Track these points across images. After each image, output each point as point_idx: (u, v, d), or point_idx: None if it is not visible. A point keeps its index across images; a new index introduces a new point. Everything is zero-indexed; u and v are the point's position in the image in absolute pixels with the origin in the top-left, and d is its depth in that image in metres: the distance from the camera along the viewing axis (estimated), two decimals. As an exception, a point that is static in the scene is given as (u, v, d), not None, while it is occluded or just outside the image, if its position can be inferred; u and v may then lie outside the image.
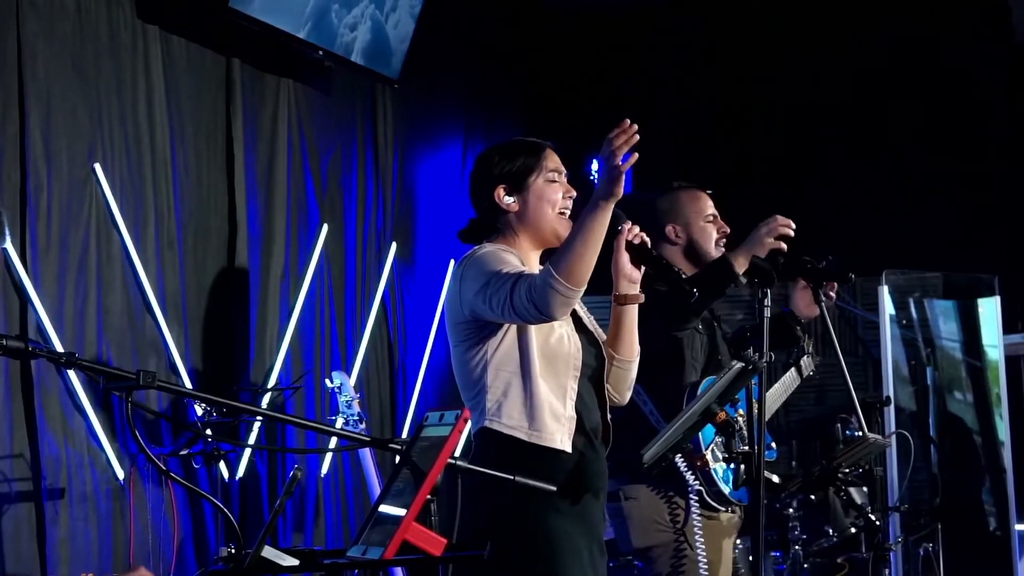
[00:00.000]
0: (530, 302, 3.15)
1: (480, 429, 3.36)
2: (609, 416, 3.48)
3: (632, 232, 3.43)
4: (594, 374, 3.45)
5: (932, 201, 7.77)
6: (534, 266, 3.46)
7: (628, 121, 3.12)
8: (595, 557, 3.38)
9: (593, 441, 3.40)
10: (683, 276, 3.48)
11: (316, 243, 5.95)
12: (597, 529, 3.42)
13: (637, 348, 3.53)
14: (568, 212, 3.45)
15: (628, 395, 3.57)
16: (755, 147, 8.09)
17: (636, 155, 3.11)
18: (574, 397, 3.36)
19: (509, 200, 3.46)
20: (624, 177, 3.13)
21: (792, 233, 4.09)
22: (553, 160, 3.48)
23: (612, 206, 3.15)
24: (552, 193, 3.44)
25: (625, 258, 3.44)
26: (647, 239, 3.47)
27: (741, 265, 4.06)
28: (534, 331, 3.33)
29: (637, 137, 3.11)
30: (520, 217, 3.46)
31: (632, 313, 3.49)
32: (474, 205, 3.57)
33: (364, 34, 6.01)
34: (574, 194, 3.47)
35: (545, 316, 3.17)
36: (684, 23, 8.12)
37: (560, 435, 3.31)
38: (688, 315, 4.08)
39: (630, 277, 3.45)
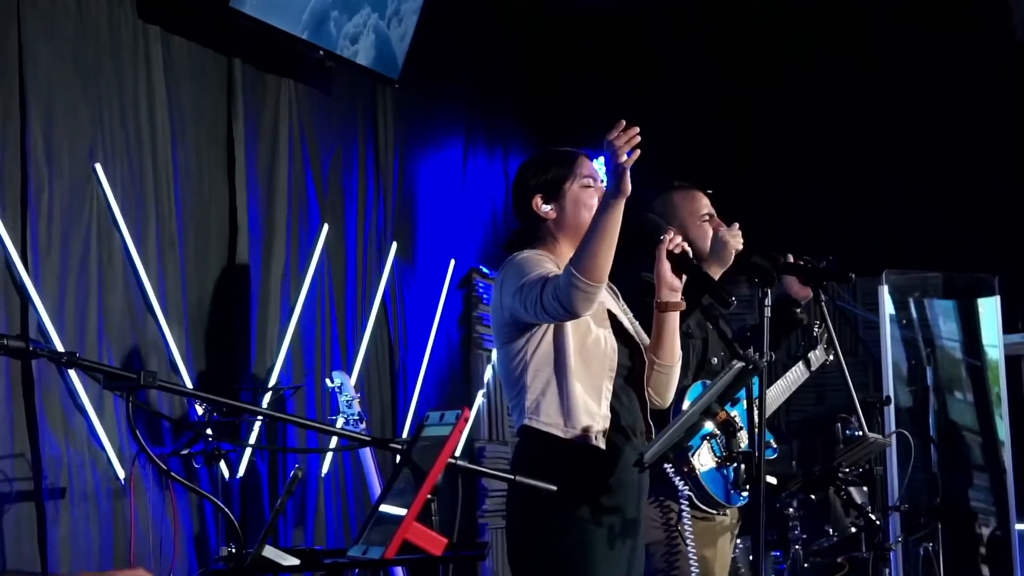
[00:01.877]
0: (556, 301, 3.30)
1: (521, 427, 3.51)
2: (650, 416, 3.62)
3: (673, 242, 3.58)
4: (631, 375, 3.59)
5: (932, 201, 7.77)
6: None
7: (624, 122, 3.26)
8: (629, 551, 3.49)
9: (632, 439, 3.53)
10: (722, 286, 3.57)
11: (317, 243, 5.96)
12: (634, 524, 3.52)
13: (679, 353, 3.66)
14: None
15: (670, 398, 3.71)
16: (755, 147, 8.09)
17: (638, 152, 3.25)
18: (609, 396, 3.50)
19: (547, 208, 3.60)
20: (627, 175, 3.26)
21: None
22: (587, 167, 3.63)
23: (622, 203, 3.29)
24: (588, 198, 3.59)
25: (666, 267, 3.58)
26: (688, 248, 3.61)
27: (715, 272, 4.16)
28: (571, 332, 3.47)
29: (638, 138, 3.25)
30: (558, 223, 3.60)
31: (673, 320, 3.62)
32: (516, 216, 3.70)
33: (367, 49, 6.03)
34: None
35: (571, 313, 3.32)
36: (684, 23, 8.13)
37: (595, 433, 3.44)
38: None
39: (671, 285, 3.59)
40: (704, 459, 4.10)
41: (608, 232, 3.27)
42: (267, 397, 5.45)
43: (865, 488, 4.99)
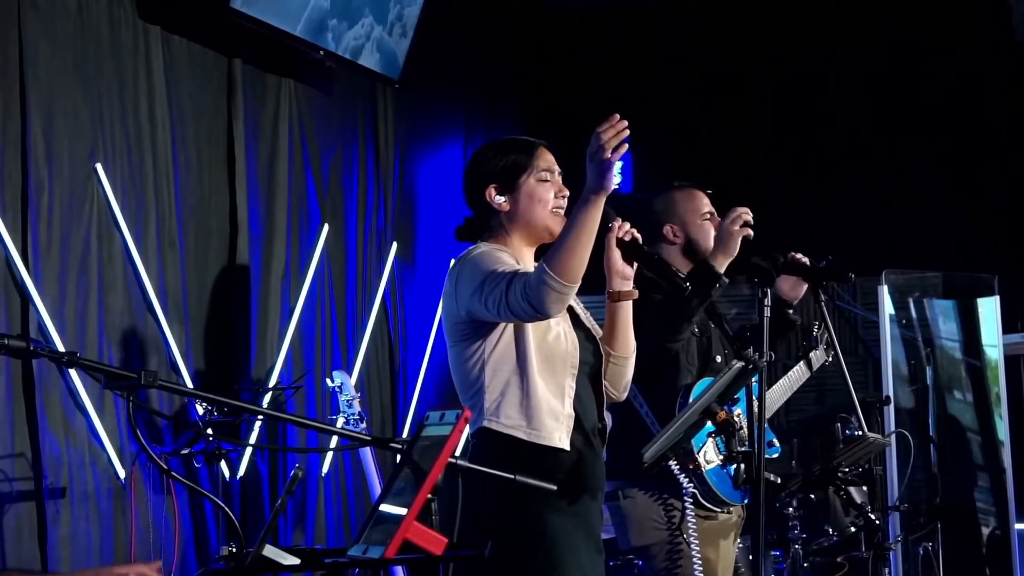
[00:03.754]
0: (525, 300, 3.15)
1: (479, 429, 3.35)
2: (606, 414, 3.49)
3: (622, 229, 3.45)
4: (592, 371, 3.46)
5: (932, 201, 7.78)
6: (528, 264, 3.46)
7: (617, 116, 3.12)
8: (592, 556, 3.39)
9: (591, 440, 3.40)
10: (676, 270, 3.49)
11: (317, 243, 5.96)
12: (595, 528, 3.42)
13: (633, 344, 3.53)
14: (563, 210, 3.45)
15: (625, 392, 3.58)
16: (755, 147, 8.10)
17: (625, 146, 3.11)
18: (572, 395, 3.36)
19: (500, 199, 3.47)
20: (613, 170, 3.12)
21: (751, 219, 4.10)
22: (545, 159, 3.48)
23: (603, 200, 3.14)
24: (544, 192, 3.44)
25: (617, 255, 3.45)
26: (638, 235, 3.48)
27: (721, 264, 4.10)
28: (531, 329, 3.33)
29: (627, 132, 3.11)
30: (511, 216, 3.46)
31: (626, 309, 3.50)
32: (468, 203, 3.58)
33: (370, 57, 6.03)
34: (567, 193, 3.46)
35: (541, 313, 3.17)
36: (684, 23, 8.13)
37: (559, 433, 3.32)
38: (680, 325, 4.09)
39: (622, 274, 3.46)
40: (710, 456, 4.08)
41: (586, 230, 3.12)
42: (267, 397, 5.45)
43: (865, 488, 4.98)
